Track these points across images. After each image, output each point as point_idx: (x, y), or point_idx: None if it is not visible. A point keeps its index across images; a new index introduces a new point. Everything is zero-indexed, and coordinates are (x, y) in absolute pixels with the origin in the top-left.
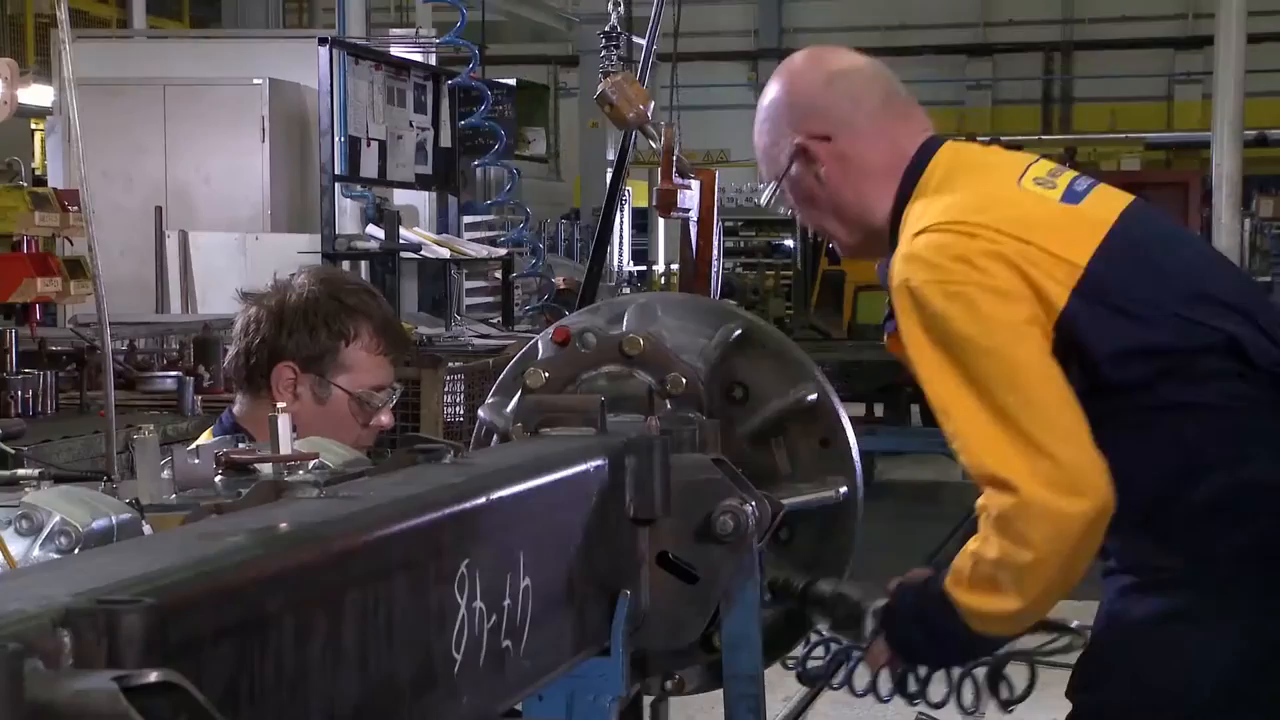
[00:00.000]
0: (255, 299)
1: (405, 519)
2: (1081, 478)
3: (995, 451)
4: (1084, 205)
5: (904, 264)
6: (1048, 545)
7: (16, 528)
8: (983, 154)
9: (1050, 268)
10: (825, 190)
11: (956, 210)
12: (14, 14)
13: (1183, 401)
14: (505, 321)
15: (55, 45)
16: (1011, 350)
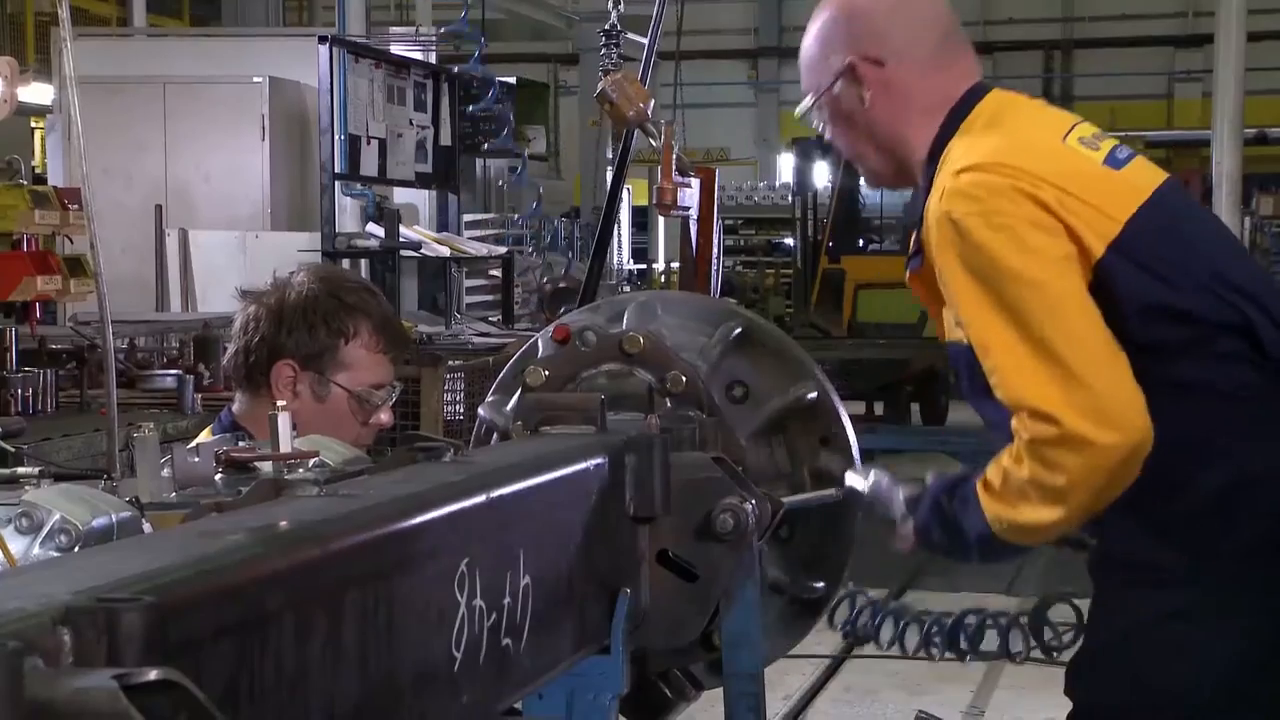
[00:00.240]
0: (254, 297)
1: (405, 517)
2: (1119, 410)
3: (1034, 384)
4: (1124, 171)
5: (947, 198)
6: (1081, 474)
7: (16, 526)
8: (1029, 105)
9: (1090, 219)
10: (866, 115)
11: (1001, 153)
12: (14, 12)
13: (1198, 381)
14: (505, 320)
15: (55, 43)
16: (1054, 282)
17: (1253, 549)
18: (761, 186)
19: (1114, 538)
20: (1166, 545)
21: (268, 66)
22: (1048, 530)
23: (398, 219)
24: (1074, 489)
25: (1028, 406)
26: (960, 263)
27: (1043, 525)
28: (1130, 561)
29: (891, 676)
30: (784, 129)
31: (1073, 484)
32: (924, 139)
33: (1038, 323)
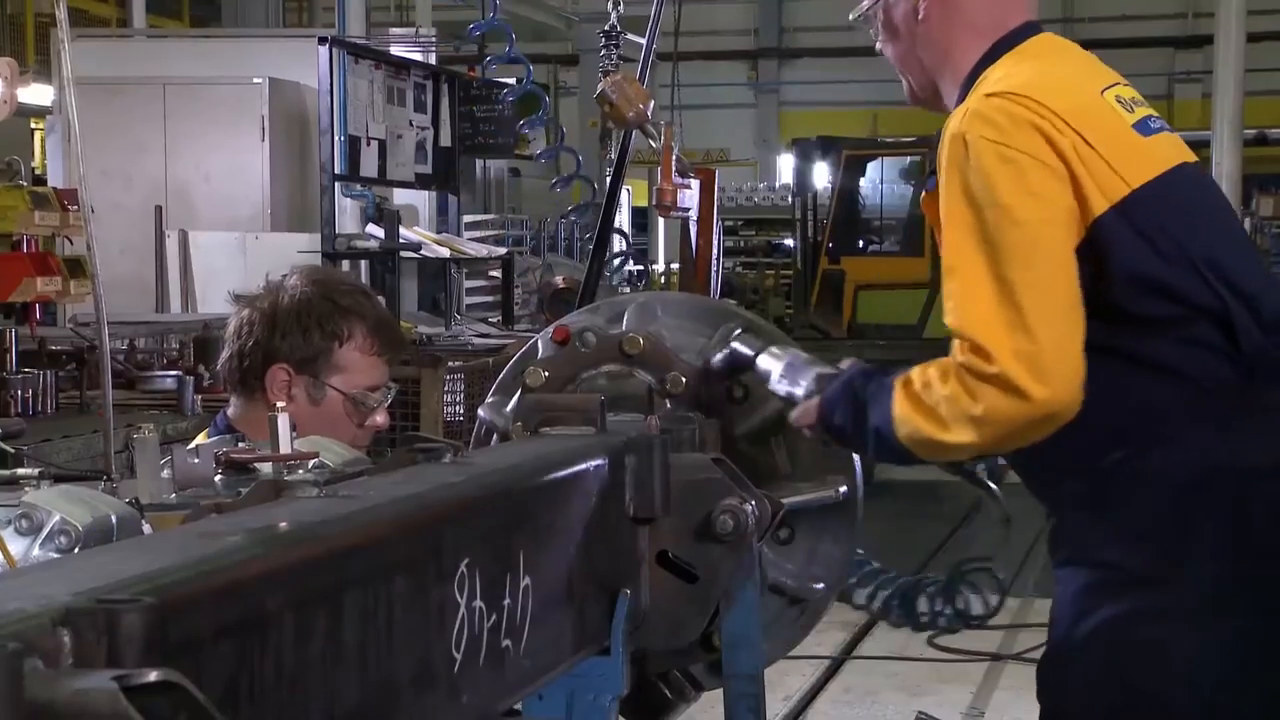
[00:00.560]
0: (247, 301)
1: (405, 518)
2: (1056, 369)
3: (984, 318)
4: (1151, 140)
5: (968, 118)
6: (998, 414)
7: (16, 527)
8: (1078, 52)
9: (1101, 176)
10: (918, 27)
11: (1034, 87)
12: (14, 13)
13: (1170, 361)
14: (505, 321)
15: (55, 44)
16: (1040, 229)
17: (1219, 549)
18: (761, 187)
19: (1080, 536)
20: (1133, 544)
21: (268, 67)
22: (943, 450)
23: (397, 220)
24: (985, 424)
25: (971, 338)
26: (960, 182)
27: (940, 443)
28: (1097, 561)
29: (891, 677)
30: (784, 130)
31: (987, 418)
32: (969, 60)
33: (1010, 262)
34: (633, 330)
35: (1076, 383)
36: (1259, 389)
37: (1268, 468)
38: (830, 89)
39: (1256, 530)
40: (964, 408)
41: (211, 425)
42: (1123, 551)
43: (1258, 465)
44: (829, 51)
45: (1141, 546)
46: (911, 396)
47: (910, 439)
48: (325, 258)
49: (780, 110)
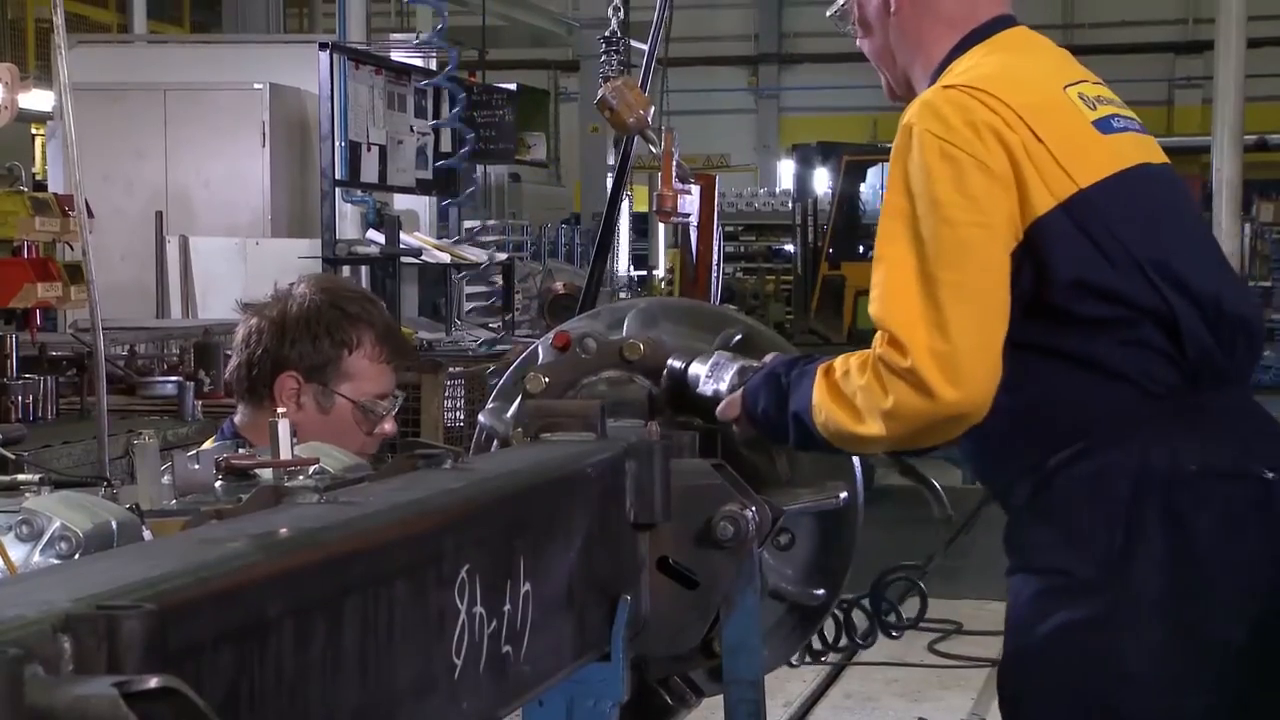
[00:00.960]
0: (256, 309)
1: (405, 524)
2: (970, 373)
3: (905, 314)
4: (1111, 138)
5: (920, 109)
6: (906, 410)
7: (17, 533)
8: (1048, 47)
9: (1050, 173)
10: (890, 21)
11: (992, 80)
12: (15, 19)
13: (1111, 363)
14: (505, 326)
15: (54, 50)
16: (972, 232)
17: (1164, 556)
18: (762, 193)
19: (1030, 542)
20: (1080, 551)
21: (268, 73)
22: (856, 442)
23: (398, 225)
24: (894, 418)
25: (890, 330)
26: (901, 173)
27: (853, 434)
28: (1046, 568)
29: (891, 684)
30: (784, 135)
31: (895, 413)
32: (940, 51)
33: (937, 260)
34: (633, 336)
35: (987, 387)
36: (1203, 393)
37: (1209, 473)
38: (830, 94)
39: (1198, 536)
40: (876, 400)
41: (218, 433)
42: (1071, 558)
43: (1200, 470)
44: (829, 57)
45: (1089, 553)
46: (831, 385)
47: (825, 427)
48: (326, 263)
49: (780, 116)
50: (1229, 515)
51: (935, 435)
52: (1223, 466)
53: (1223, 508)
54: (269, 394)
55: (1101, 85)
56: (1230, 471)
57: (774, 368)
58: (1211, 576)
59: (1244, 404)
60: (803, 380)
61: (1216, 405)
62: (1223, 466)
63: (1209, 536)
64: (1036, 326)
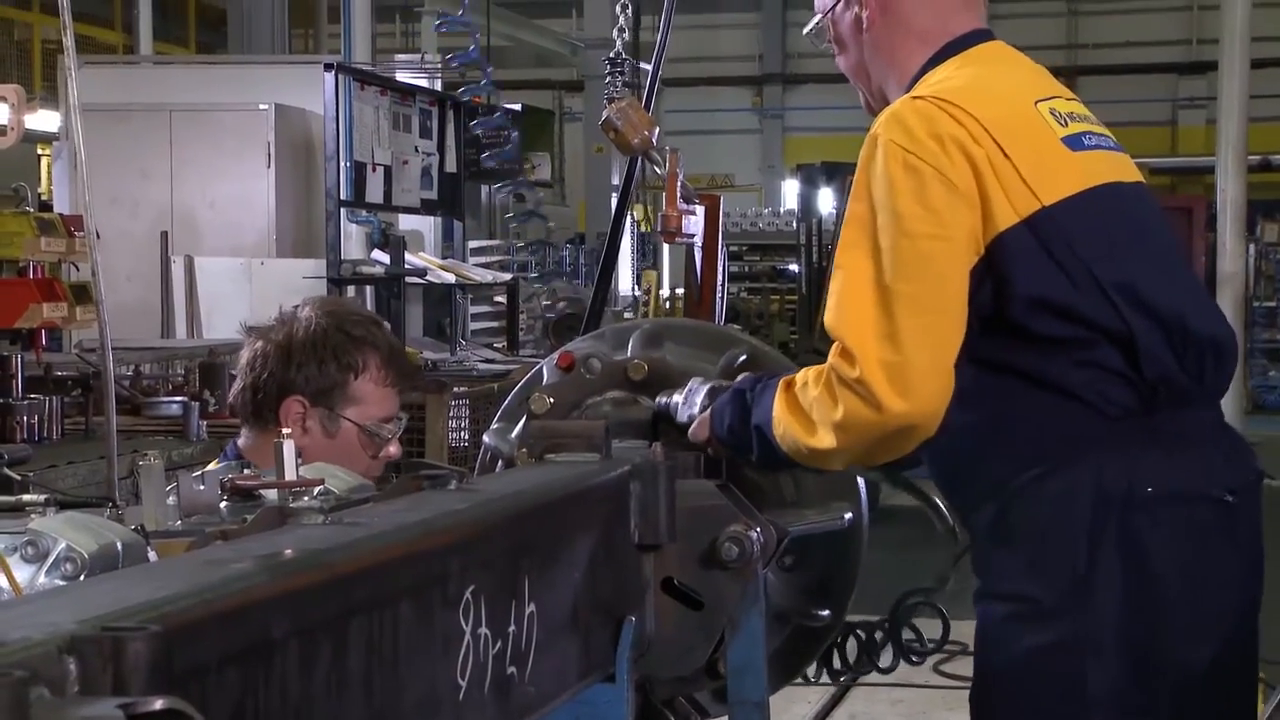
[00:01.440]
0: (260, 333)
1: (410, 545)
2: (920, 386)
3: (859, 324)
4: (1080, 155)
5: (887, 119)
6: (855, 421)
7: (22, 554)
8: (1023, 62)
9: (1014, 189)
10: (864, 36)
11: (960, 93)
12: (21, 40)
13: (1066, 383)
14: (510, 346)
15: (62, 71)
16: (931, 245)
17: (1123, 580)
18: (766, 213)
19: (994, 567)
20: (1043, 576)
21: (273, 94)
22: (812, 456)
23: (403, 245)
24: (843, 430)
25: (843, 341)
26: (865, 182)
27: (808, 448)
28: (1011, 594)
29: (896, 704)
30: (788, 155)
31: (845, 424)
32: (913, 65)
33: (894, 271)
34: (637, 356)
35: (937, 401)
36: (1160, 414)
37: (1166, 495)
38: (834, 115)
39: (1154, 559)
40: (827, 412)
41: (221, 455)
42: (1034, 584)
43: (1156, 493)
44: (833, 78)
45: (1051, 579)
46: (790, 398)
47: (784, 440)
48: (331, 283)
49: (785, 136)
50: (1187, 538)
51: (887, 448)
52: (1180, 489)
53: (1180, 530)
54: (274, 418)
55: (1076, 101)
56: (1187, 494)
57: (740, 385)
58: (1169, 600)
59: (1208, 425)
60: (765, 394)
61: (1176, 427)
62: (1180, 489)
63: (1165, 559)
64: (995, 343)
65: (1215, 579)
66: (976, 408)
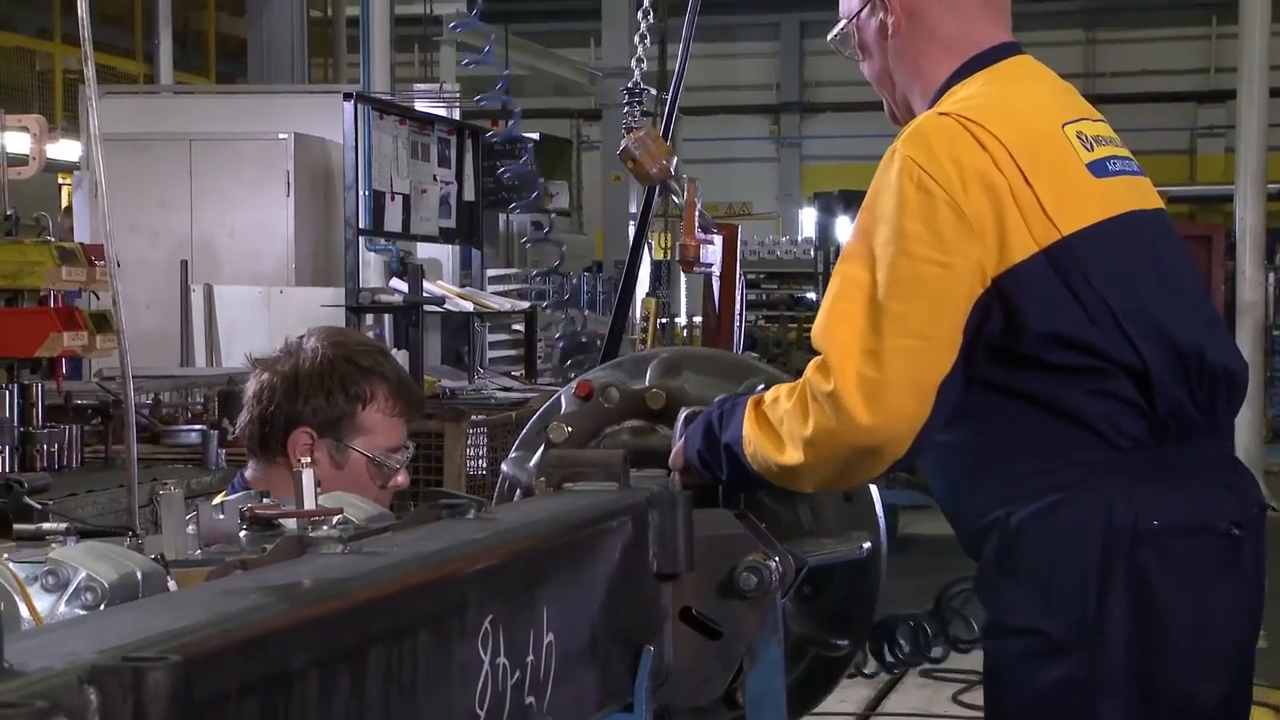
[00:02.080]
0: (266, 364)
1: (429, 575)
2: (894, 406)
3: (844, 338)
4: (1104, 182)
5: (911, 132)
6: (820, 433)
7: (43, 584)
8: (1053, 80)
9: (1032, 218)
10: (889, 43)
11: (988, 111)
12: (43, 70)
13: (1079, 413)
14: (528, 374)
15: (83, 101)
16: (929, 269)
17: (1132, 614)
18: (784, 241)
19: (1002, 602)
20: (1052, 610)
21: (293, 123)
22: (782, 475)
23: (421, 274)
24: (812, 445)
25: (824, 352)
26: (878, 191)
27: (776, 464)
28: (1022, 628)
29: None
30: (806, 184)
31: (814, 439)
32: (939, 74)
33: (888, 289)
34: (655, 385)
35: (908, 424)
36: (1169, 446)
37: (1172, 528)
38: (852, 143)
39: (1161, 592)
40: (797, 426)
41: (229, 488)
42: (1045, 618)
43: (1163, 526)
44: (850, 106)
45: (1062, 613)
46: (759, 415)
47: (754, 459)
48: (349, 312)
49: (802, 164)
50: (1193, 571)
51: (855, 468)
52: (1186, 522)
53: (1186, 563)
54: (282, 449)
55: (1102, 123)
56: (1194, 527)
57: (710, 411)
58: (1176, 633)
59: (1216, 457)
60: (734, 412)
61: (1184, 460)
62: (1186, 522)
63: (1172, 593)
64: (1002, 369)
65: (1220, 612)
66: (980, 430)
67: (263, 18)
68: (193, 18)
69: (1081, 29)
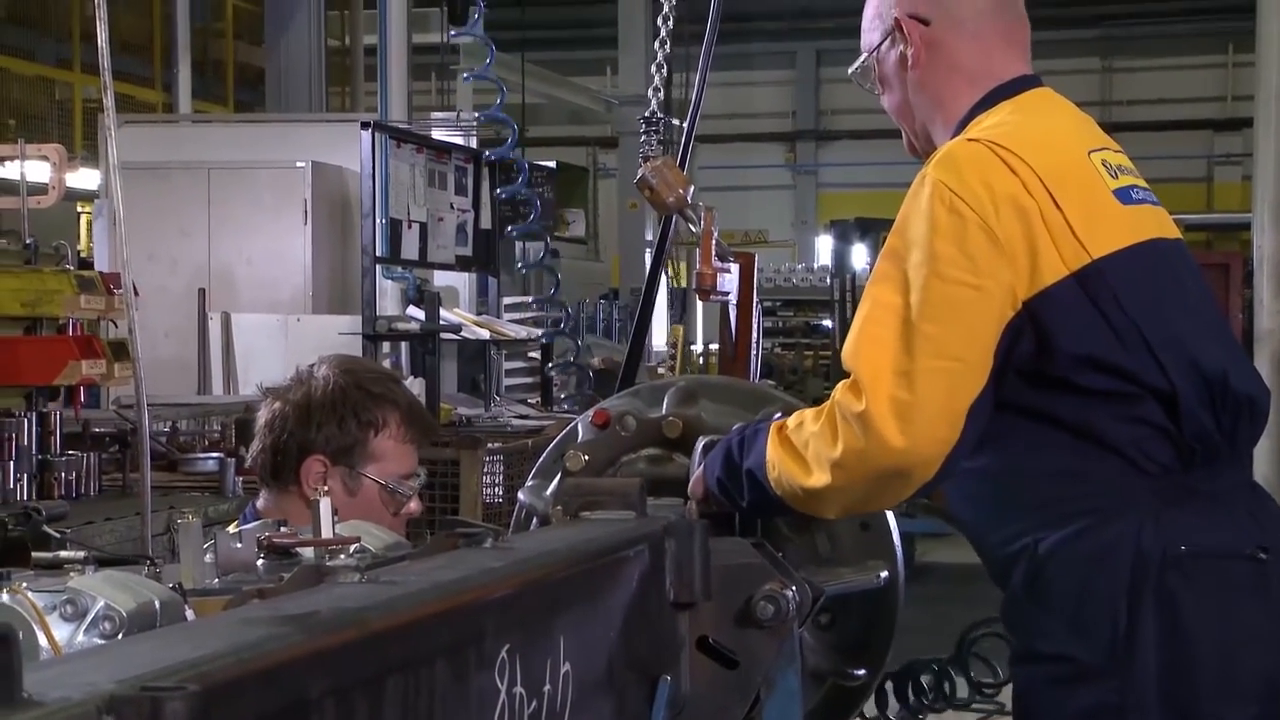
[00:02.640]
0: (277, 393)
1: (446, 604)
2: (925, 428)
3: (875, 358)
4: (1129, 209)
5: (942, 157)
6: (850, 454)
7: (62, 613)
8: (1073, 111)
9: (1063, 241)
10: (909, 75)
11: (1016, 138)
12: (62, 99)
13: (1107, 437)
14: (544, 402)
15: (102, 130)
16: (962, 292)
17: (1161, 639)
18: (800, 268)
19: (1031, 629)
20: (1082, 635)
21: (311, 151)
22: (807, 499)
23: (438, 302)
24: (840, 468)
25: (856, 374)
26: (908, 216)
27: (801, 488)
28: (1052, 655)
29: None
30: (822, 211)
31: (842, 462)
32: (961, 106)
33: (920, 311)
34: (672, 414)
35: (939, 448)
36: (1196, 472)
37: (1200, 553)
38: (867, 171)
39: (1189, 617)
40: (825, 448)
41: (241, 517)
42: (1076, 644)
43: (1190, 550)
44: (866, 134)
45: (1092, 639)
46: (784, 439)
47: (778, 483)
48: (366, 340)
49: (818, 192)
50: (1221, 595)
51: (882, 491)
52: (1214, 546)
53: (1215, 588)
54: (294, 478)
55: (1122, 154)
56: (1222, 551)
57: (730, 438)
58: (1205, 657)
59: (1238, 483)
60: (756, 438)
61: (1209, 485)
62: (1214, 546)
63: (1200, 617)
64: (1032, 393)
65: (1250, 637)
66: (1010, 455)
67: (281, 47)
68: (211, 47)
69: (1098, 57)
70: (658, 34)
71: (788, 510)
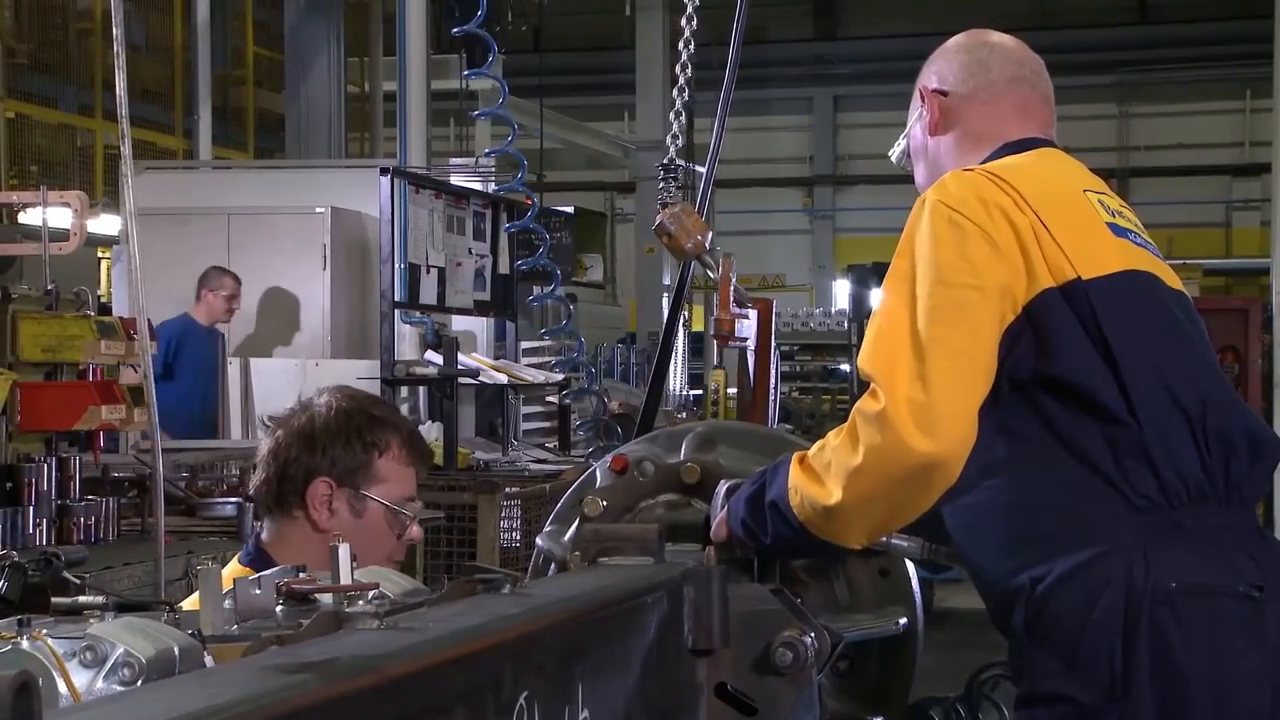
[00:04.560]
0: (281, 421)
1: (464, 650)
2: (945, 426)
3: (890, 364)
4: (1122, 241)
5: (938, 184)
6: (874, 459)
7: (81, 659)
8: (1075, 164)
9: (1052, 257)
10: (927, 142)
11: (1007, 169)
12: (84, 146)
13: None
14: (562, 446)
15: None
16: (967, 294)
17: (1154, 675)
18: (817, 313)
19: (1031, 671)
20: (1080, 675)
21: (330, 197)
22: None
23: (456, 346)
24: (862, 473)
25: (871, 376)
26: (910, 237)
27: (822, 508)
28: (1052, 695)
29: None
30: (839, 256)
31: (865, 466)
32: (968, 162)
33: (928, 316)
34: (690, 459)
35: (961, 446)
36: (1184, 511)
37: (1190, 590)
38: (885, 215)
39: (1181, 654)
40: (846, 458)
41: (243, 551)
42: (1074, 685)
43: (1180, 587)
44: (883, 179)
45: (1089, 678)
46: (805, 467)
47: (800, 509)
48: (384, 384)
49: (835, 236)
50: (1213, 634)
51: (905, 493)
52: (1204, 583)
53: (1206, 625)
54: (299, 503)
55: (1127, 209)
56: (1211, 588)
57: (756, 478)
58: (1198, 695)
59: (1235, 525)
60: (779, 471)
61: (1200, 522)
62: (1204, 583)
63: (1191, 655)
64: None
65: (1243, 674)
66: (1006, 487)
67: (300, 94)
68: (232, 94)
69: (1115, 103)
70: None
71: (810, 540)
